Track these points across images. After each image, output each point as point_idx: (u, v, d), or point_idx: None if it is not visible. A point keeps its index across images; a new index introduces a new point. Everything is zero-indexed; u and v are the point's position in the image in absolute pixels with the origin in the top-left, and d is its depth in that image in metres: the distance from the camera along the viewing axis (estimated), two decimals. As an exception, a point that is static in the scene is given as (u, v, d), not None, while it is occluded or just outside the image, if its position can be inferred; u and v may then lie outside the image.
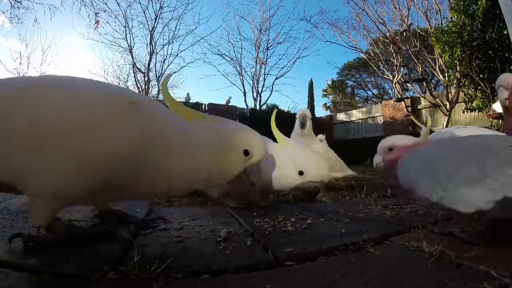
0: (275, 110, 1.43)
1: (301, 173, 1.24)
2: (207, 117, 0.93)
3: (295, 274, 0.62)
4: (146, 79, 13.68)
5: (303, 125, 2.14)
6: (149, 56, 13.78)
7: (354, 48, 12.43)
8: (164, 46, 14.21)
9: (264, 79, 16.01)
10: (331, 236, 0.85)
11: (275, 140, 1.54)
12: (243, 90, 15.70)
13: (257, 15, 17.05)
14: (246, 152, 0.89)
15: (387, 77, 11.00)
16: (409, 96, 10.23)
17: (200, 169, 0.79)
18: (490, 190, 0.63)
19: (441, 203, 0.70)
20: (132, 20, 16.55)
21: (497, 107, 5.10)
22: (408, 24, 9.25)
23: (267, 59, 16.04)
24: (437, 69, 8.27)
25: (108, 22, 13.67)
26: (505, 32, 4.69)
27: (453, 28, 6.25)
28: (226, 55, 16.02)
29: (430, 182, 0.72)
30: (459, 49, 6.07)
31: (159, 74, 13.95)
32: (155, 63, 14.06)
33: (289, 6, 31.27)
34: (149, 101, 0.83)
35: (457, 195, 0.66)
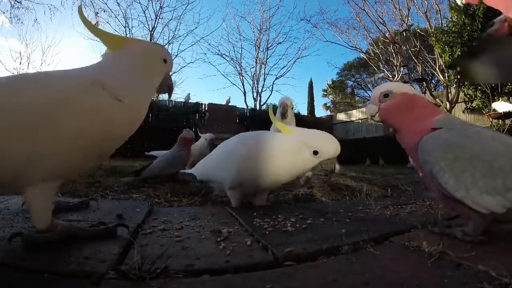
0: (271, 105, 1.48)
1: (315, 153, 1.17)
2: (128, 40, 1.00)
3: (295, 274, 0.62)
4: (146, 79, 13.66)
5: (283, 115, 2.13)
6: (149, 56, 13.77)
7: (354, 48, 12.46)
8: (164, 46, 14.19)
9: (264, 79, 16.05)
10: (331, 236, 0.85)
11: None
12: (243, 90, 15.73)
13: (257, 15, 17.13)
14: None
15: (387, 77, 10.99)
16: (409, 96, 10.20)
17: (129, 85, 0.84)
18: (508, 201, 0.69)
19: (462, 201, 0.74)
20: (132, 20, 16.59)
21: (497, 106, 5.10)
22: (408, 24, 9.25)
23: (267, 59, 16.06)
24: (437, 69, 8.28)
25: (108, 22, 13.64)
26: (505, 32, 4.68)
27: (453, 28, 6.26)
28: (226, 55, 16.07)
29: (455, 179, 0.74)
30: (459, 49, 6.07)
31: (159, 74, 13.92)
32: (155, 63, 14.04)
33: (289, 6, 31.41)
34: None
35: (479, 199, 0.72)
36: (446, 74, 7.68)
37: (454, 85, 7.55)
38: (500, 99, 5.22)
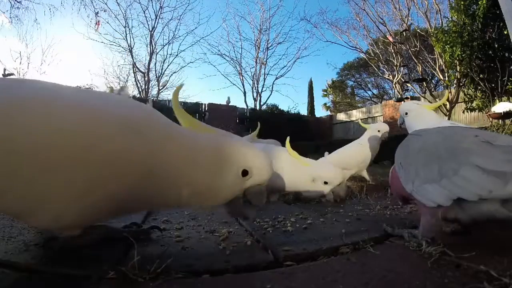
0: (288, 140, 1.54)
1: (326, 183, 1.44)
2: (217, 130, 0.81)
3: (295, 274, 0.62)
4: (146, 79, 13.70)
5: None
6: (149, 56, 13.83)
7: (354, 48, 12.46)
8: (164, 46, 14.22)
9: (264, 79, 16.05)
10: (331, 236, 0.85)
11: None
12: (243, 90, 15.73)
13: (257, 15, 17.14)
14: (244, 172, 0.74)
15: (387, 77, 11.00)
16: (409, 96, 10.23)
17: (194, 184, 0.71)
18: (445, 189, 0.68)
19: (413, 195, 0.76)
20: (132, 20, 16.62)
21: (497, 108, 5.10)
22: (408, 24, 9.25)
23: (267, 59, 16.06)
24: (437, 69, 8.28)
25: (108, 22, 13.71)
26: (505, 32, 4.69)
27: (453, 28, 6.25)
28: (226, 55, 16.08)
29: (405, 173, 0.80)
30: (459, 49, 6.07)
31: (159, 74, 13.99)
32: (155, 63, 14.10)
33: (289, 6, 31.40)
34: (148, 116, 0.71)
35: (421, 190, 0.73)
36: (446, 74, 7.68)
37: (454, 85, 7.55)
38: (498, 101, 5.22)
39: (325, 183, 1.44)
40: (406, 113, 1.76)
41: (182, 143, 0.71)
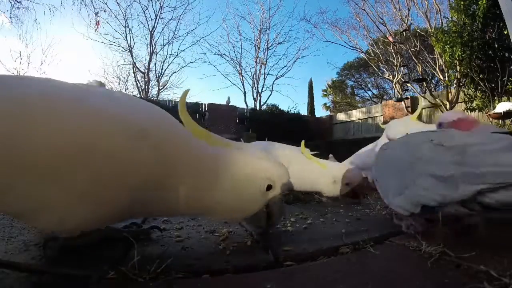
0: (303, 143, 1.64)
1: (347, 184, 1.49)
2: (231, 144, 0.79)
3: (295, 274, 0.62)
4: (146, 79, 13.70)
5: None
6: (149, 56, 13.83)
7: (354, 48, 12.46)
8: (164, 46, 14.23)
9: (264, 79, 16.05)
10: (331, 236, 0.85)
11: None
12: (243, 90, 15.73)
13: (257, 15, 17.14)
14: (269, 187, 0.75)
15: (387, 77, 10.99)
16: (409, 96, 10.23)
17: (216, 200, 0.70)
18: (411, 199, 0.77)
19: (390, 207, 0.86)
20: (132, 20, 16.62)
21: (498, 109, 5.10)
22: (408, 24, 9.24)
23: (267, 59, 16.06)
24: (437, 69, 8.28)
25: (108, 22, 13.73)
26: (505, 32, 4.69)
27: (453, 28, 6.25)
28: (226, 55, 16.08)
29: (380, 190, 0.90)
30: (459, 49, 6.07)
31: (159, 74, 13.98)
32: (155, 63, 14.10)
33: (289, 6, 31.38)
34: (161, 120, 0.70)
35: (394, 202, 0.82)
36: (446, 74, 7.67)
37: (454, 85, 7.55)
38: (498, 101, 5.22)
39: (347, 184, 1.49)
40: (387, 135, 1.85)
41: (203, 159, 0.70)
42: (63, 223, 0.61)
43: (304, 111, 17.11)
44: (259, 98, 15.63)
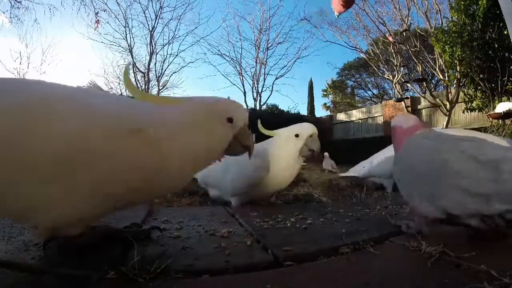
0: (259, 121, 1.58)
1: (297, 135, 1.50)
2: (184, 99, 0.84)
3: (295, 274, 0.62)
4: (146, 79, 13.70)
5: None
6: (149, 56, 13.82)
7: (354, 48, 12.44)
8: (164, 46, 14.21)
9: (264, 79, 16.02)
10: (331, 236, 0.85)
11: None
12: (243, 90, 15.70)
13: (257, 15, 17.08)
14: (230, 120, 0.82)
15: (387, 77, 10.99)
16: (409, 96, 10.22)
17: (190, 155, 0.74)
18: (439, 207, 0.76)
19: (413, 209, 0.85)
20: (132, 20, 16.59)
21: (498, 109, 5.09)
22: (408, 24, 9.24)
23: (267, 59, 16.05)
24: (437, 69, 8.27)
25: (108, 22, 13.73)
26: (505, 32, 4.69)
27: (453, 28, 6.25)
28: (226, 55, 16.04)
29: (404, 192, 0.89)
30: (459, 49, 6.06)
31: (159, 74, 13.97)
32: (155, 63, 14.09)
33: (289, 6, 31.40)
34: (144, 112, 0.73)
35: (419, 207, 0.82)
36: (446, 74, 7.67)
37: (454, 85, 7.54)
38: (498, 101, 5.21)
39: (296, 136, 1.47)
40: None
41: (171, 122, 0.74)
42: (61, 220, 0.62)
43: (304, 111, 17.13)
44: (259, 98, 15.63)
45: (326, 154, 4.66)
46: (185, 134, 0.74)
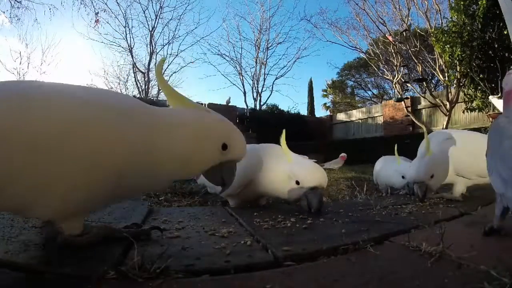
0: (284, 131, 1.32)
1: (297, 183, 1.20)
2: (196, 105, 0.87)
3: (295, 274, 0.62)
4: (146, 79, 13.71)
5: None
6: (149, 56, 13.83)
7: (354, 48, 12.44)
8: (164, 46, 14.22)
9: (264, 79, 16.05)
10: (331, 236, 0.85)
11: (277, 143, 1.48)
12: (243, 90, 15.74)
13: (257, 15, 17.05)
14: (224, 146, 0.81)
15: (387, 77, 10.99)
16: (409, 96, 10.22)
17: (181, 158, 0.76)
18: None
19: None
20: (132, 20, 16.62)
21: (496, 102, 5.08)
22: (408, 24, 9.24)
23: (267, 59, 16.06)
24: (437, 69, 8.27)
25: (108, 22, 13.74)
26: (505, 32, 4.69)
27: (453, 28, 6.25)
28: (226, 55, 16.08)
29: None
30: (459, 49, 6.07)
31: (159, 74, 13.95)
32: (155, 63, 14.07)
33: (289, 6, 31.38)
34: (130, 103, 0.76)
35: None
36: (446, 74, 7.67)
37: (454, 85, 7.54)
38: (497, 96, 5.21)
39: (297, 183, 1.19)
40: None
41: (166, 121, 0.76)
42: (59, 211, 0.65)
43: (304, 111, 17.13)
44: (259, 98, 15.65)
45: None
46: (178, 135, 0.75)
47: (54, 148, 0.59)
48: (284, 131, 1.31)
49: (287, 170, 1.24)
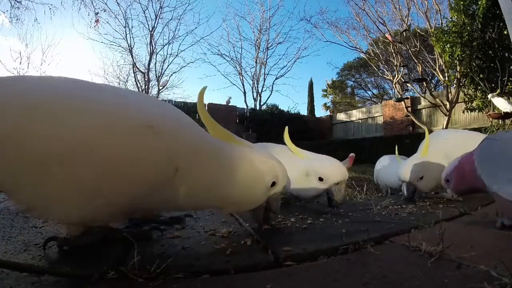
0: (286, 128, 1.28)
1: (320, 179, 1.19)
2: (243, 141, 0.86)
3: (295, 274, 0.62)
4: (146, 79, 13.70)
5: None
6: (149, 56, 13.82)
7: (354, 48, 12.42)
8: (164, 46, 14.21)
9: (264, 79, 16.05)
10: (331, 236, 0.85)
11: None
12: (243, 90, 15.74)
13: (257, 15, 17.13)
14: (273, 184, 0.84)
15: (387, 77, 10.99)
16: (409, 96, 10.22)
17: (226, 193, 0.76)
18: None
19: (499, 192, 0.85)
20: (132, 20, 16.61)
21: (497, 102, 5.06)
22: (408, 24, 9.24)
23: (267, 59, 16.06)
24: (437, 69, 8.27)
25: (108, 22, 13.74)
26: (505, 32, 4.69)
27: (453, 28, 6.25)
28: (226, 55, 16.08)
29: (488, 176, 0.90)
30: (459, 49, 6.06)
31: (159, 74, 13.97)
32: (155, 63, 14.08)
33: (289, 6, 31.40)
34: (173, 117, 0.71)
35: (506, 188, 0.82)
36: (446, 74, 7.67)
37: (454, 85, 7.54)
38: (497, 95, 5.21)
39: (320, 179, 1.18)
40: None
41: (217, 153, 0.74)
42: (72, 215, 0.64)
43: (304, 111, 17.14)
44: (259, 98, 15.65)
45: None
46: (237, 172, 0.75)
47: (70, 157, 0.57)
48: (286, 128, 1.29)
49: (303, 167, 1.21)
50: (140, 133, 0.61)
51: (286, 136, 1.30)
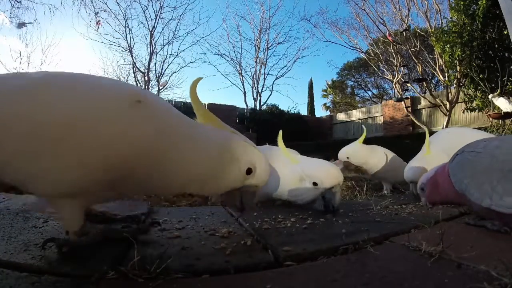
0: (280, 132, 1.27)
1: (315, 184, 1.17)
2: (224, 125, 0.85)
3: (295, 274, 0.62)
4: (146, 79, 13.70)
5: None
6: (149, 56, 13.82)
7: (354, 48, 12.43)
8: (164, 46, 14.22)
9: (264, 79, 16.05)
10: (331, 236, 0.85)
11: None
12: (243, 90, 15.74)
13: (257, 15, 17.14)
14: (248, 171, 0.80)
15: (387, 77, 10.99)
16: (409, 96, 10.23)
17: (199, 173, 0.75)
18: None
19: (490, 208, 0.81)
20: (132, 20, 16.62)
21: (497, 102, 5.06)
22: (408, 24, 9.24)
23: (267, 59, 16.06)
24: (437, 69, 8.27)
25: (108, 22, 13.71)
26: (505, 32, 4.69)
27: (453, 28, 6.25)
28: (226, 55, 16.09)
29: (479, 192, 0.85)
30: (459, 49, 6.07)
31: (159, 74, 13.98)
32: (155, 63, 14.08)
33: (289, 6, 31.41)
34: (155, 97, 0.76)
35: (502, 203, 0.79)
36: (446, 74, 7.67)
37: (454, 85, 7.54)
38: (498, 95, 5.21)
39: (314, 184, 1.16)
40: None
41: (192, 132, 0.75)
42: (57, 187, 0.64)
43: (304, 111, 17.15)
44: (259, 98, 15.65)
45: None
46: (201, 150, 0.73)
47: (54, 132, 0.59)
48: (280, 132, 1.27)
49: (297, 171, 1.20)
50: (130, 107, 0.64)
51: (280, 140, 1.29)
